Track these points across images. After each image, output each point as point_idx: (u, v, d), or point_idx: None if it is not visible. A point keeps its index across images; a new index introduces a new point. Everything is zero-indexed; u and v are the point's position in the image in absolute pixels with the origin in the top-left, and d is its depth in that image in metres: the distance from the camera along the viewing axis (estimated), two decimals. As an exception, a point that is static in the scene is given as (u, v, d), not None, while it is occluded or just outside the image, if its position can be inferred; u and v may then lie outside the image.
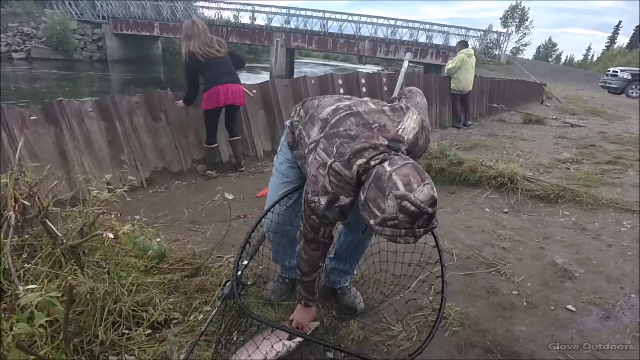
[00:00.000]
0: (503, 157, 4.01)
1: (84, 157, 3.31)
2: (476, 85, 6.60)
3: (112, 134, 3.48)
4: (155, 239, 1.76)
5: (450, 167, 3.03)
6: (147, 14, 22.51)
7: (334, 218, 1.12)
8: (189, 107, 3.74)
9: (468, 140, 4.93)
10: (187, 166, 3.81)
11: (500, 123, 6.76)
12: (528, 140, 5.20)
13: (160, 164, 3.72)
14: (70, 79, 16.90)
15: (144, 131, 3.63)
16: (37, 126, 3.16)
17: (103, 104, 3.45)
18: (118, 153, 3.50)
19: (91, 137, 3.37)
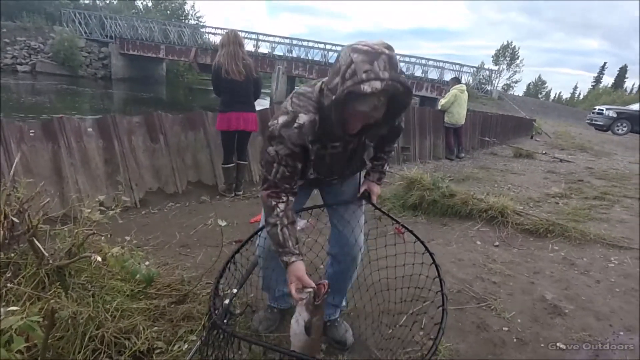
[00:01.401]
0: (494, 190, 4.09)
1: (79, 175, 3.31)
2: (469, 119, 6.82)
3: (109, 152, 3.50)
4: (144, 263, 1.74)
5: (442, 199, 3.07)
6: (154, 37, 23.13)
7: (292, 144, 1.08)
8: (187, 130, 3.81)
9: (461, 172, 5.03)
10: (183, 188, 3.82)
11: (492, 156, 6.93)
12: (519, 174, 5.31)
13: (155, 185, 3.72)
14: (73, 94, 17.09)
15: (141, 151, 3.65)
16: (34, 141, 3.17)
17: (103, 123, 3.49)
18: (114, 172, 3.50)
19: (88, 154, 3.38)
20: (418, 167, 5.46)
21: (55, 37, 21.55)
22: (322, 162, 1.20)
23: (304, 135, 1.09)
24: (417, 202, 3.15)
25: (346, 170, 1.34)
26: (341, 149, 1.19)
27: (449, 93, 6.20)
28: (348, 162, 1.27)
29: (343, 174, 1.35)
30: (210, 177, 4.00)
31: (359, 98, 0.92)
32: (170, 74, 27.93)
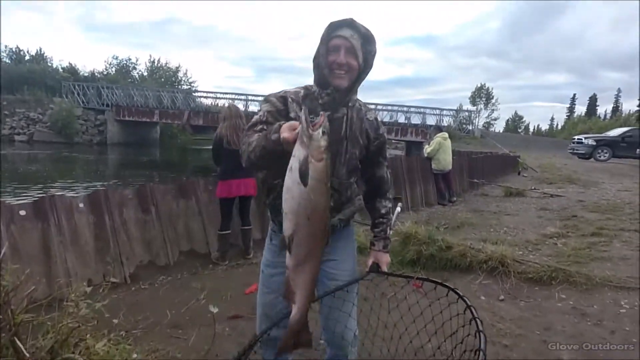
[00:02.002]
0: (491, 235, 4.06)
1: (67, 253, 3.21)
2: (456, 163, 6.99)
3: (100, 227, 3.43)
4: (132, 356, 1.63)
5: (440, 252, 3.03)
6: (149, 103, 24.11)
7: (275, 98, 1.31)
8: (179, 199, 3.81)
9: (454, 218, 5.02)
10: (174, 259, 3.71)
11: (483, 197, 6.99)
12: (512, 214, 5.33)
13: (146, 257, 3.62)
14: (68, 161, 17.27)
15: (132, 224, 3.60)
16: (24, 221, 3.10)
17: (95, 198, 3.46)
18: (104, 248, 3.41)
19: (78, 231, 3.31)
20: (412, 216, 5.47)
21: (54, 107, 22.35)
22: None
23: (287, 93, 1.31)
24: (415, 257, 3.09)
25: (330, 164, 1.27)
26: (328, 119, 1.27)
27: (433, 141, 6.44)
28: (334, 152, 1.24)
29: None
30: (203, 246, 3.92)
31: (335, 28, 1.23)
32: (164, 136, 28.69)
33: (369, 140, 1.36)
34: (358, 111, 1.34)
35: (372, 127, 1.36)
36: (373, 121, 1.38)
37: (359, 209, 1.42)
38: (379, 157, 1.42)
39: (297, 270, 1.07)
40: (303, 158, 0.97)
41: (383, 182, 1.45)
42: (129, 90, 24.70)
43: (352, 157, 1.32)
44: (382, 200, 1.46)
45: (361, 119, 1.34)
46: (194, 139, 31.15)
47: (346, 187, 1.34)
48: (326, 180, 1.02)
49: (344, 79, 1.23)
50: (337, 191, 1.31)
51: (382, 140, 1.40)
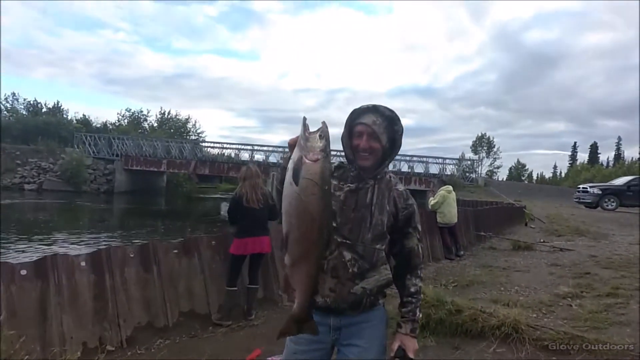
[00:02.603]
0: (502, 295, 3.91)
1: (64, 315, 3.12)
2: (461, 215, 6.96)
3: (99, 287, 3.37)
4: None
5: (449, 316, 2.90)
6: (157, 153, 24.87)
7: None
8: (182, 257, 3.78)
9: (463, 275, 4.88)
10: (174, 320, 3.59)
11: (491, 251, 6.84)
12: (523, 271, 5.18)
13: (145, 319, 3.50)
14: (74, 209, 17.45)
15: (133, 283, 3.53)
16: (24, 281, 3.07)
17: (96, 257, 3.44)
18: (102, 308, 3.32)
19: (77, 291, 3.25)
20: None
21: (65, 157, 23.13)
22: (336, 201, 1.31)
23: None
24: (424, 321, 2.96)
25: (356, 231, 1.31)
26: (355, 188, 1.34)
27: (437, 194, 6.48)
28: (360, 217, 1.32)
29: (352, 233, 1.31)
30: (204, 306, 3.81)
31: (360, 114, 1.34)
32: (170, 184, 29.18)
33: (397, 208, 1.36)
34: (387, 182, 1.39)
35: (401, 197, 1.39)
36: (402, 192, 1.40)
37: (386, 282, 1.35)
38: (408, 228, 1.39)
39: (294, 269, 1.13)
40: (297, 158, 1.01)
41: (413, 254, 1.39)
42: (139, 140, 25.68)
43: (378, 223, 1.32)
44: (412, 277, 1.39)
45: (390, 189, 1.38)
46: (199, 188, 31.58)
47: (371, 253, 1.31)
48: (321, 182, 1.03)
49: (368, 160, 1.32)
50: (362, 256, 1.30)
51: (411, 210, 1.39)
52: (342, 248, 1.30)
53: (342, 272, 1.29)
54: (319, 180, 1.03)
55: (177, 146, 25.47)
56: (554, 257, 6.13)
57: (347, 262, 1.29)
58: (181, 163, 24.56)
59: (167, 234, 12.96)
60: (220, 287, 3.87)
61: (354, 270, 1.30)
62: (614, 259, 5.76)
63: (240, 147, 26.11)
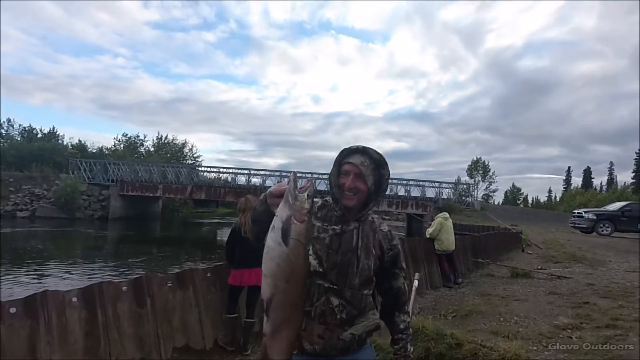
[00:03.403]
0: (501, 326, 3.86)
1: (54, 354, 3.02)
2: (459, 242, 6.96)
3: (91, 324, 3.28)
4: None
5: (449, 351, 2.86)
6: (153, 178, 24.72)
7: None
8: (176, 290, 3.72)
9: (462, 304, 4.82)
10: (167, 356, 3.48)
11: (489, 278, 6.79)
12: (521, 300, 5.13)
13: (137, 355, 3.39)
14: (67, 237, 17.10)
15: (126, 319, 3.45)
16: (14, 319, 2.98)
17: (88, 292, 3.37)
18: (93, 346, 3.21)
19: (68, 329, 3.16)
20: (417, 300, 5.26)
21: (59, 183, 22.83)
22: (321, 245, 1.33)
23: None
24: (423, 355, 2.91)
25: (343, 276, 1.31)
26: (339, 231, 1.34)
27: (434, 222, 6.51)
28: (347, 261, 1.32)
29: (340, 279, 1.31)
30: (199, 341, 3.72)
31: (348, 154, 1.36)
32: (166, 209, 28.88)
33: (383, 251, 1.38)
34: (371, 224, 1.40)
35: (386, 239, 1.40)
36: (387, 233, 1.42)
37: (374, 327, 1.36)
38: (394, 269, 1.42)
39: (274, 337, 1.05)
40: (286, 217, 0.99)
41: (400, 293, 1.43)
42: (135, 165, 25.55)
43: (365, 268, 1.33)
44: (400, 314, 1.43)
45: (374, 231, 1.39)
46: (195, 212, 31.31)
47: (359, 299, 1.32)
48: (306, 243, 1.04)
49: (352, 200, 1.33)
50: (350, 302, 1.31)
51: (396, 251, 1.42)
52: (329, 294, 1.31)
53: (330, 318, 1.30)
54: (304, 241, 1.03)
55: (174, 171, 25.44)
56: (551, 285, 6.10)
57: (334, 308, 1.30)
58: (177, 188, 24.45)
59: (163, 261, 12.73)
60: (215, 319, 3.82)
61: (342, 316, 1.30)
62: (611, 287, 5.74)
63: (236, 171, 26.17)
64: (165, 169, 25.43)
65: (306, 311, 1.28)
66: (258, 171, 25.89)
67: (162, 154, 35.84)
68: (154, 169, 25.14)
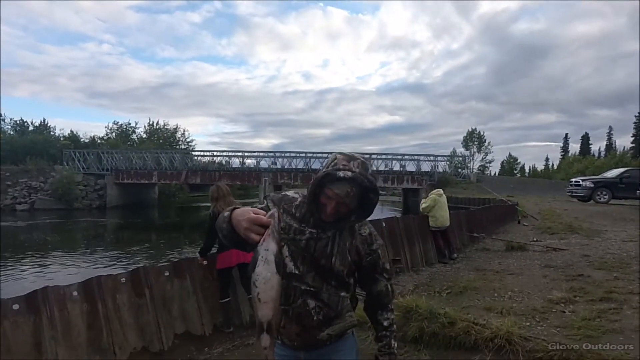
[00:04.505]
0: (495, 302, 3.94)
1: (59, 347, 3.09)
2: (453, 218, 7.01)
3: (92, 316, 3.34)
4: None
5: (442, 329, 2.92)
6: (147, 165, 24.68)
7: (271, 200, 1.41)
8: (174, 279, 3.76)
9: (456, 280, 4.91)
10: (169, 344, 3.57)
11: (485, 252, 6.89)
12: (516, 274, 5.22)
13: (139, 344, 3.48)
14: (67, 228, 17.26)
15: (126, 309, 3.50)
16: (17, 316, 3.03)
17: (88, 286, 3.41)
18: (97, 337, 3.29)
19: (71, 322, 3.21)
20: (413, 278, 5.36)
21: (55, 175, 22.85)
22: (297, 248, 1.31)
23: (282, 199, 1.38)
24: (418, 334, 2.98)
25: (319, 279, 1.31)
26: (316, 235, 1.31)
27: (428, 198, 6.51)
28: (322, 266, 1.30)
29: (316, 281, 1.31)
30: (198, 327, 3.80)
31: (334, 181, 1.22)
32: (162, 195, 28.95)
33: (360, 256, 1.35)
34: (351, 227, 1.35)
35: (365, 243, 1.36)
36: (366, 237, 1.37)
37: (351, 326, 1.38)
38: (373, 274, 1.39)
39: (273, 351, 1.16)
40: (277, 251, 1.07)
41: (382, 296, 1.41)
42: (128, 154, 25.48)
43: (339, 275, 1.32)
44: (383, 312, 1.42)
45: (352, 235, 1.35)
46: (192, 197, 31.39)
47: (336, 301, 1.33)
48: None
49: (332, 217, 1.27)
50: (326, 304, 1.31)
51: (375, 257, 1.38)
52: (305, 296, 1.30)
53: (307, 320, 1.31)
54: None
55: (167, 157, 25.30)
56: (547, 257, 6.20)
57: (311, 310, 1.30)
58: (172, 174, 24.42)
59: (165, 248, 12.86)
60: (213, 306, 3.93)
61: (319, 317, 1.31)
62: (607, 258, 5.82)
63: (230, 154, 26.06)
64: (158, 156, 25.30)
65: (284, 310, 1.28)
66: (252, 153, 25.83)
67: (154, 140, 35.53)
68: (147, 156, 25.01)
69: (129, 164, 24.69)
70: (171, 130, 38.39)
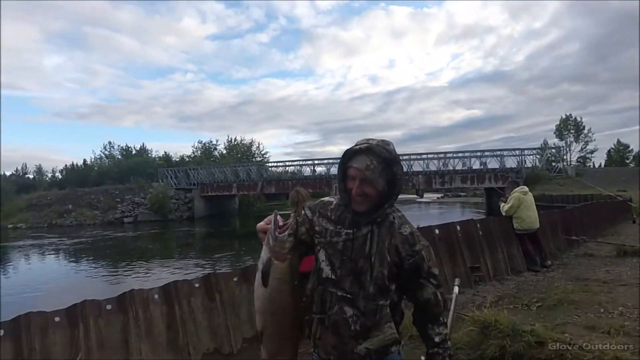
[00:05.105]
0: (601, 320, 3.24)
1: (142, 344, 3.43)
2: (545, 218, 6.09)
3: (170, 317, 3.64)
4: None
5: (529, 350, 2.48)
6: (227, 178, 27.13)
7: (309, 208, 1.42)
8: (242, 284, 3.91)
9: (550, 292, 4.18)
10: (237, 347, 3.71)
11: (588, 259, 5.82)
12: (629, 285, 4.27)
13: (212, 346, 3.68)
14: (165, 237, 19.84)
15: (200, 312, 3.75)
16: (110, 315, 3.46)
17: (166, 289, 3.74)
18: (174, 337, 3.58)
19: (153, 322, 3.55)
20: (495, 288, 4.76)
21: (152, 191, 26.60)
22: (334, 251, 1.25)
23: (319, 204, 1.36)
24: (497, 354, 2.58)
25: (356, 284, 1.22)
26: (352, 236, 1.25)
27: (511, 197, 5.76)
28: (360, 269, 1.22)
29: (353, 287, 1.22)
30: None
31: (352, 156, 1.21)
32: (242, 205, 31.49)
33: (401, 257, 1.24)
34: (389, 226, 1.26)
35: (406, 243, 1.25)
36: (408, 236, 1.26)
37: (392, 343, 1.23)
38: (418, 278, 1.26)
39: None
40: (266, 259, 1.03)
41: (430, 305, 1.27)
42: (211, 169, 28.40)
43: (379, 277, 1.21)
44: (434, 326, 1.27)
45: (392, 234, 1.25)
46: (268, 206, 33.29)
47: (373, 310, 1.21)
48: (290, 278, 1.07)
49: (362, 205, 1.23)
50: (363, 313, 1.20)
51: (418, 258, 1.25)
52: (342, 303, 1.22)
53: (343, 329, 1.21)
54: (288, 277, 1.06)
55: (244, 169, 27.40)
56: (674, 264, 4.98)
57: (348, 318, 1.21)
58: (249, 185, 26.31)
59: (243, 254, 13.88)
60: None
61: (356, 328, 1.20)
62: None
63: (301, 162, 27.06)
64: (237, 169, 27.53)
65: (320, 319, 1.24)
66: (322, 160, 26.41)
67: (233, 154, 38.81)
68: (227, 170, 27.46)
69: (212, 178, 27.39)
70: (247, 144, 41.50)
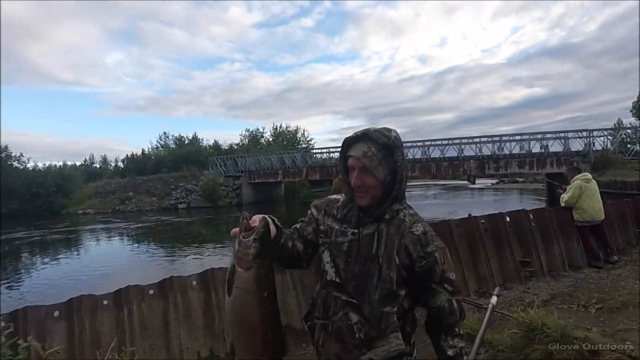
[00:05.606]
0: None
1: (181, 329, 3.63)
2: (612, 209, 5.37)
3: (207, 303, 3.80)
4: None
5: (580, 358, 2.19)
6: (273, 165, 27.83)
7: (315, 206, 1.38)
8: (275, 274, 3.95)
9: (614, 292, 3.67)
10: (270, 335, 3.78)
11: (665, 255, 5.04)
12: None
13: (245, 333, 3.80)
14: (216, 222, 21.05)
15: (233, 300, 3.88)
16: (152, 299, 3.69)
17: (204, 276, 3.90)
18: (210, 323, 3.73)
19: (191, 308, 3.74)
20: (549, 285, 4.31)
21: (203, 179, 28.11)
22: (339, 252, 1.18)
23: (325, 202, 1.32)
24: (543, 361, 2.32)
25: (361, 288, 1.12)
26: (358, 235, 1.18)
27: (572, 186, 5.13)
28: (365, 271, 1.13)
29: (358, 292, 1.13)
30: (298, 321, 3.90)
31: (349, 145, 1.17)
32: (288, 192, 32.27)
33: (411, 259, 1.12)
34: (399, 224, 1.14)
35: (417, 243, 1.12)
36: (420, 236, 1.14)
37: (398, 355, 1.11)
38: (430, 283, 1.14)
39: None
40: (230, 266, 0.96)
41: (443, 314, 1.14)
42: (257, 156, 29.25)
43: (386, 280, 1.10)
44: (447, 337, 1.14)
45: (401, 234, 1.13)
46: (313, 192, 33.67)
47: (378, 318, 1.11)
48: (256, 290, 0.97)
49: (364, 198, 1.16)
50: (368, 321, 1.11)
51: (431, 260, 1.12)
52: (347, 309, 1.13)
53: (347, 337, 1.13)
54: (254, 288, 0.96)
55: (290, 157, 27.81)
56: None
57: (353, 325, 1.12)
58: (294, 172, 26.71)
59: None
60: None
61: (361, 336, 1.11)
62: None
63: (345, 148, 26.91)
64: (282, 156, 28.05)
65: (323, 325, 1.17)
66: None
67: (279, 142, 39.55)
68: (273, 157, 28.06)
69: (259, 165, 28.24)
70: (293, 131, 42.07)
